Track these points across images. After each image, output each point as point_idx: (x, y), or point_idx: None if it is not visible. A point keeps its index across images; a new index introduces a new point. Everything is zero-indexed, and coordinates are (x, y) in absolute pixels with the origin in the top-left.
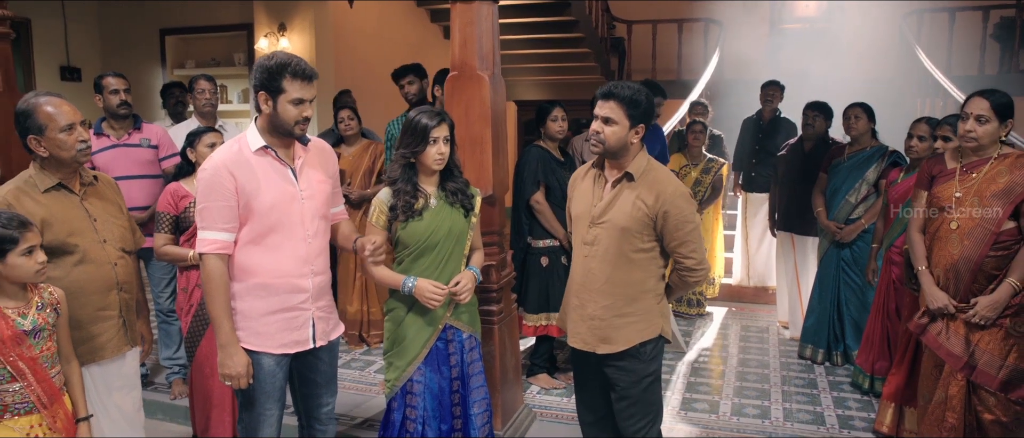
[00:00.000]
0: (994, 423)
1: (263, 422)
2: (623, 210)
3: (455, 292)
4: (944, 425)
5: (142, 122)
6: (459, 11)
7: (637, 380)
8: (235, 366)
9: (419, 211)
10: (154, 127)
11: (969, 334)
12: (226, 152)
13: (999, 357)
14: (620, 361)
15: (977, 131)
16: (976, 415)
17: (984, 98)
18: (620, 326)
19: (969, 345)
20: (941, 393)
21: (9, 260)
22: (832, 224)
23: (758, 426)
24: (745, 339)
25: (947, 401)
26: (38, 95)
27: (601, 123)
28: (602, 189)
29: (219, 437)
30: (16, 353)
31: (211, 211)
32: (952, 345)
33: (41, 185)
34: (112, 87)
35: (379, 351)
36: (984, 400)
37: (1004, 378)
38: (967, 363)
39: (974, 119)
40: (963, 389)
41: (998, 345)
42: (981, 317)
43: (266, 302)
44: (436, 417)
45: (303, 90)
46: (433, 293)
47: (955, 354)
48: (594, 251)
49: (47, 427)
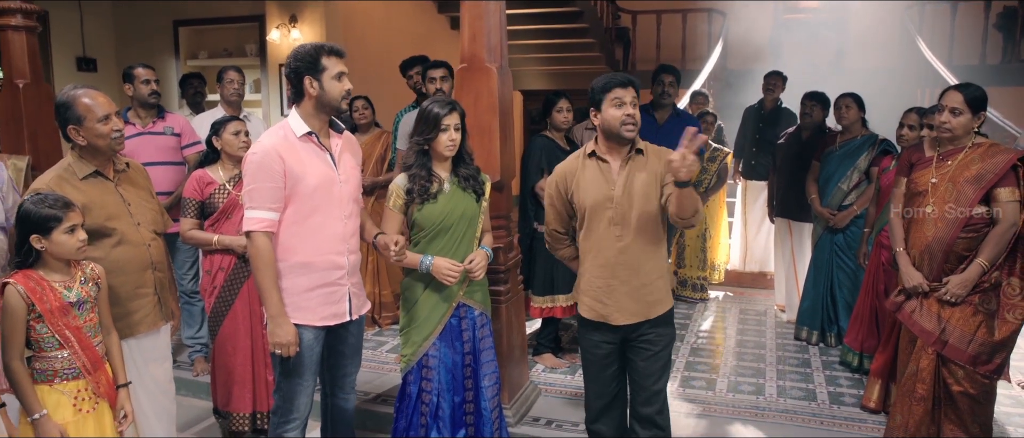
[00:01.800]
0: (962, 395)
1: (300, 391)
2: (643, 183)
3: (470, 269)
4: (915, 395)
5: (165, 112)
6: (468, 7)
7: (669, 339)
8: (285, 335)
9: (434, 195)
10: (176, 116)
11: (941, 311)
12: (274, 137)
13: (968, 333)
14: (658, 324)
15: (951, 122)
16: (946, 387)
17: (958, 92)
18: (661, 287)
19: (940, 322)
20: (913, 366)
21: (53, 237)
22: (826, 211)
23: (752, 402)
24: (743, 322)
25: (918, 373)
26: (76, 87)
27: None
28: (611, 173)
29: (238, 411)
30: (63, 322)
31: (259, 192)
32: (925, 321)
33: (79, 173)
34: (143, 77)
35: (390, 332)
36: (954, 373)
37: (973, 353)
38: (939, 338)
39: (949, 111)
40: (933, 362)
41: (967, 321)
42: (952, 295)
43: (307, 278)
44: (450, 390)
45: (340, 65)
46: (450, 270)
47: (927, 330)
48: (626, 230)
49: (91, 391)
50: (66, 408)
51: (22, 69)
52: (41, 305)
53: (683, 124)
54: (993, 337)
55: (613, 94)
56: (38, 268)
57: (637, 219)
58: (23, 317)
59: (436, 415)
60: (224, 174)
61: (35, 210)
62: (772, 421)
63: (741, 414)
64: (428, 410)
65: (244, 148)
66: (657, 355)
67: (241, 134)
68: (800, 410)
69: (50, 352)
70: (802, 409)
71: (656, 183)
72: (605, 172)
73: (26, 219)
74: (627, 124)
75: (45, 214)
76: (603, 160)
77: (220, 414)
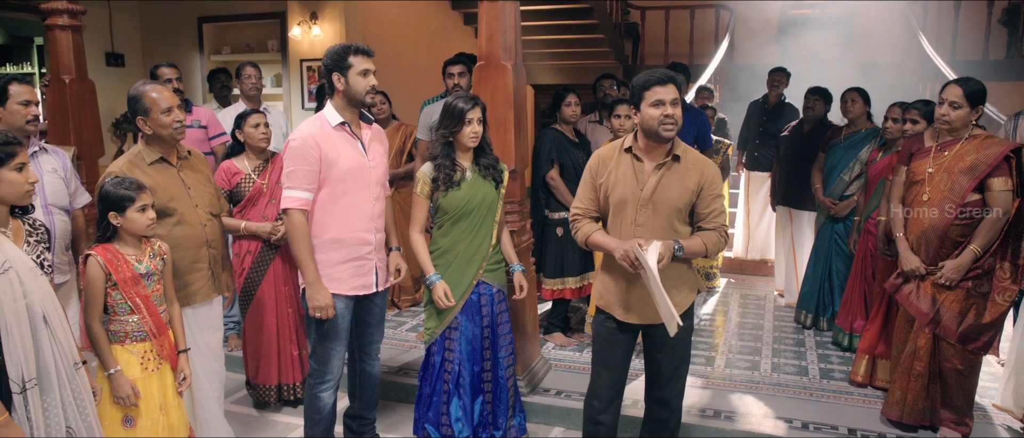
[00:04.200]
0: (952, 371)
1: (334, 355)
2: (672, 189)
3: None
4: (913, 372)
5: (193, 105)
6: (486, 8)
7: (688, 332)
8: (322, 299)
9: (457, 182)
10: (203, 110)
11: (936, 294)
12: (312, 126)
13: (959, 314)
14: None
15: (950, 115)
16: (940, 364)
17: (958, 86)
18: (684, 287)
19: (935, 303)
20: (911, 345)
21: (128, 215)
22: (828, 200)
23: (747, 376)
24: (743, 306)
25: (916, 352)
26: (145, 84)
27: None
28: (644, 173)
29: (265, 383)
30: (134, 291)
31: (298, 174)
32: (921, 303)
33: (147, 159)
34: (166, 76)
35: (409, 314)
36: (945, 351)
37: (962, 332)
38: (933, 319)
39: (948, 104)
40: (930, 342)
41: (959, 304)
42: (947, 279)
43: (339, 253)
44: (470, 359)
45: (366, 63)
46: (442, 296)
47: (923, 311)
48: (643, 231)
49: (156, 353)
50: (135, 366)
51: (68, 65)
52: (116, 274)
53: (690, 118)
54: (982, 319)
55: (652, 92)
56: (114, 242)
57: (660, 226)
58: (102, 285)
59: (457, 382)
60: (249, 164)
61: (113, 191)
62: (766, 393)
63: (737, 387)
64: (450, 378)
65: (265, 139)
66: (676, 349)
67: (261, 126)
68: (792, 383)
69: (123, 316)
70: (794, 383)
71: (688, 195)
72: (637, 171)
73: (105, 198)
74: (666, 124)
75: (121, 194)
76: (638, 159)
77: (251, 385)
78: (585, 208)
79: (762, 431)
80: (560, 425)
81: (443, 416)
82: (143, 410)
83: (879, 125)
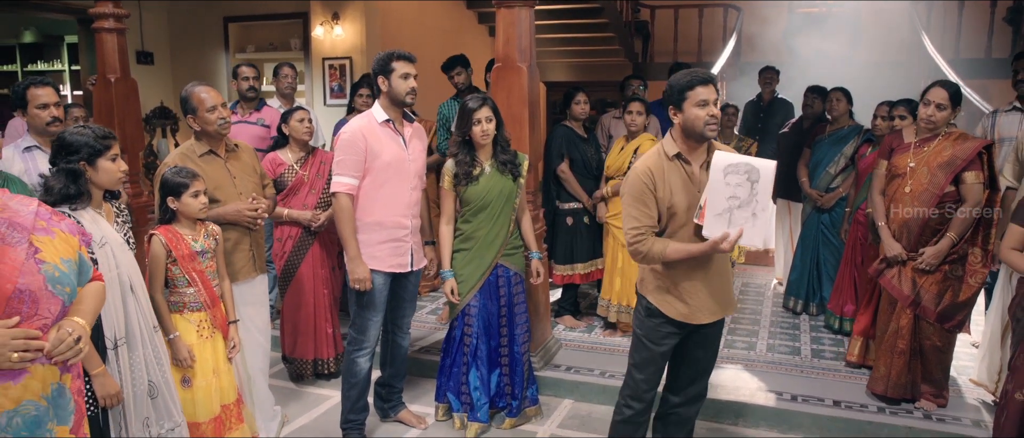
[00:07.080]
0: (932, 348)
1: (371, 324)
2: None
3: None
4: (896, 349)
5: (264, 104)
6: (503, 15)
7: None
8: (361, 272)
9: (476, 177)
10: (271, 109)
11: (916, 278)
12: (361, 122)
13: (937, 296)
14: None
15: (936, 116)
16: (920, 342)
17: (943, 89)
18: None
19: (915, 286)
20: (894, 325)
21: (183, 199)
22: (814, 192)
23: (744, 355)
24: (744, 293)
25: (899, 331)
26: (195, 85)
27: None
28: (695, 176)
29: (302, 357)
30: (191, 266)
31: (346, 162)
32: (903, 286)
33: (198, 151)
34: (244, 75)
35: (428, 298)
36: (924, 330)
37: (941, 311)
38: (914, 300)
39: (935, 106)
40: (911, 321)
41: (937, 286)
42: (926, 264)
43: (379, 234)
44: (486, 335)
45: (407, 67)
46: (448, 293)
47: (904, 294)
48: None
49: (210, 322)
50: (191, 333)
51: (113, 65)
52: (176, 251)
53: None
54: (957, 299)
55: (696, 93)
56: (174, 224)
57: None
58: (163, 260)
59: (475, 354)
60: (292, 156)
61: (171, 178)
62: (760, 370)
63: (734, 365)
64: (469, 350)
65: (308, 133)
66: (715, 347)
67: (305, 121)
68: (785, 362)
69: (181, 288)
70: (787, 361)
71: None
72: (690, 175)
73: (164, 185)
74: (710, 124)
75: (177, 181)
76: (687, 162)
77: (287, 360)
78: (647, 225)
79: (754, 402)
80: (569, 397)
81: (462, 385)
82: (198, 372)
83: (860, 123)
